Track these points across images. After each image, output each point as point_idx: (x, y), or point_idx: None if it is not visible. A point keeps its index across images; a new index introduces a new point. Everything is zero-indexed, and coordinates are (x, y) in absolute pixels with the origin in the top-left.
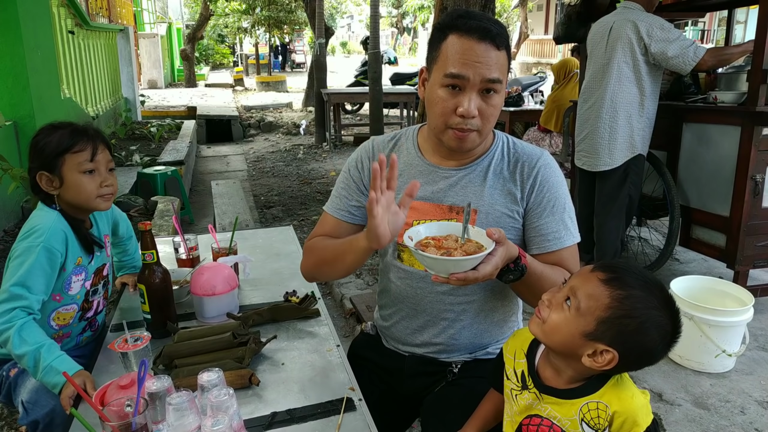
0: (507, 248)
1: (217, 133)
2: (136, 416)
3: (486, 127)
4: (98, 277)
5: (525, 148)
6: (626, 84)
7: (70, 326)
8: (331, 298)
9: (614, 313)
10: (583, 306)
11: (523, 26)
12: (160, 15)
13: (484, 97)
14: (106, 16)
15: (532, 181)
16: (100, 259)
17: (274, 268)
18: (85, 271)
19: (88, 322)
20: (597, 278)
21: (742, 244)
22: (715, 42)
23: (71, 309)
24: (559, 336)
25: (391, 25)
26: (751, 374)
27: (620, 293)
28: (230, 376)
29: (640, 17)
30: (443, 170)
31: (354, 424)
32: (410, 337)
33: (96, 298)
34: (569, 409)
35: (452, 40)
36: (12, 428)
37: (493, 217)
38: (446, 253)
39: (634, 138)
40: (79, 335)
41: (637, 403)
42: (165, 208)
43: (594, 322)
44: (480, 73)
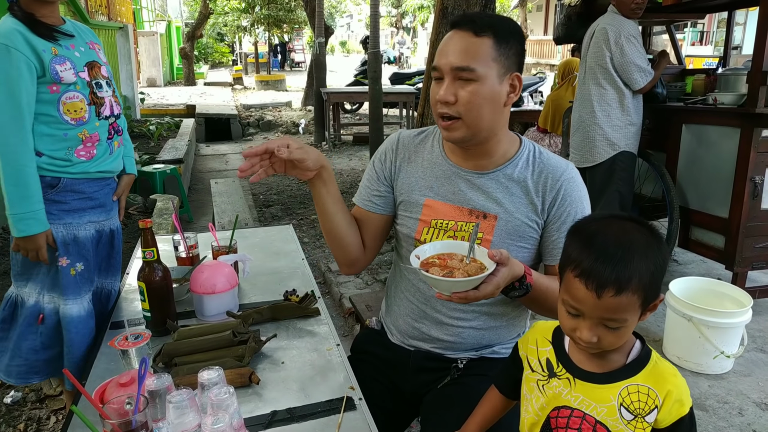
0: (511, 268)
1: (216, 132)
2: (136, 414)
3: (470, 115)
4: (93, 71)
5: (551, 159)
6: (604, 85)
7: (90, 123)
8: (330, 297)
9: (645, 292)
10: (627, 317)
11: (522, 27)
12: (159, 13)
13: (461, 84)
14: (106, 13)
15: (554, 194)
16: (88, 55)
17: (274, 267)
18: (70, 61)
19: (111, 125)
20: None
21: (741, 245)
22: (714, 44)
23: (76, 97)
24: (625, 339)
25: (391, 25)
26: (749, 376)
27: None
28: (230, 375)
29: (612, 22)
30: (465, 172)
31: (354, 424)
32: (418, 332)
33: (104, 95)
34: (607, 393)
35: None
36: (11, 426)
37: (513, 225)
38: (449, 273)
39: (615, 135)
40: (109, 140)
41: (680, 381)
42: (164, 207)
43: (640, 309)
44: (448, 62)
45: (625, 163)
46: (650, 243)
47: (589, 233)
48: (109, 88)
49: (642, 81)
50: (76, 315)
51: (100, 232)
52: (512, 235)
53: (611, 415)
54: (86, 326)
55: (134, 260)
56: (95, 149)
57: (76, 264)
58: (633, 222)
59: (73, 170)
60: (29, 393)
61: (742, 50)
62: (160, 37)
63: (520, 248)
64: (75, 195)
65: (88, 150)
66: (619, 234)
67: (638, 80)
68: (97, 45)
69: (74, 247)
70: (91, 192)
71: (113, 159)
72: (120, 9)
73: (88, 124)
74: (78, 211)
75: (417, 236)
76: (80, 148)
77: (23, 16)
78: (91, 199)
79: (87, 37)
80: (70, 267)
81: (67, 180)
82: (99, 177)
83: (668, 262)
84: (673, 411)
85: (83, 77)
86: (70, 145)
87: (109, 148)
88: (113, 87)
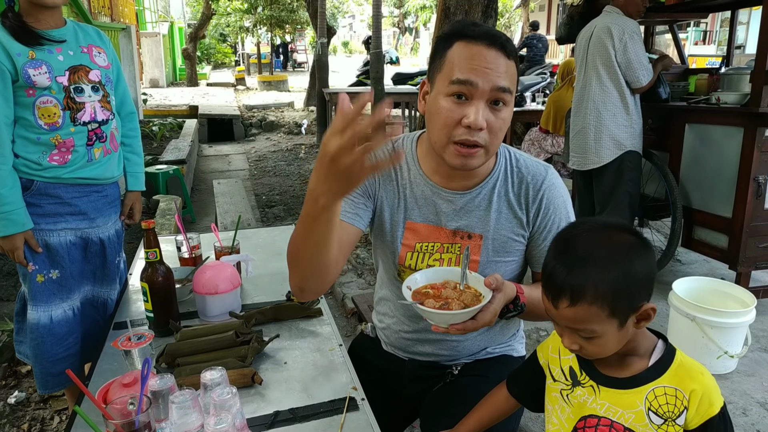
0: (505, 292)
1: (219, 132)
2: (139, 414)
3: (494, 143)
4: (77, 75)
5: (529, 165)
6: (606, 85)
7: (64, 129)
8: (332, 297)
9: (608, 303)
10: (594, 327)
11: (525, 26)
12: (162, 14)
13: (492, 108)
14: (109, 14)
15: (537, 205)
16: (75, 59)
17: (277, 268)
18: (47, 65)
19: (93, 131)
20: (566, 309)
21: (745, 245)
22: (717, 43)
23: (50, 102)
24: (611, 348)
25: (393, 25)
26: (753, 376)
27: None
28: (233, 375)
29: (615, 21)
30: (447, 193)
31: (357, 424)
32: (411, 348)
33: (86, 100)
34: (633, 398)
35: (459, 47)
36: (14, 426)
37: (499, 242)
38: (444, 304)
39: (621, 135)
40: (87, 146)
41: (708, 380)
42: (167, 207)
43: (613, 319)
44: (490, 80)
45: (632, 162)
46: (621, 251)
47: (560, 244)
48: (95, 93)
49: (644, 79)
50: (35, 322)
51: (85, 240)
52: (499, 252)
53: (640, 421)
54: (51, 335)
55: (137, 261)
56: (70, 155)
57: (45, 271)
58: (617, 230)
59: (45, 174)
60: (33, 393)
61: (745, 49)
62: (162, 38)
63: (508, 263)
64: (50, 199)
65: (63, 155)
66: (586, 244)
67: (640, 78)
68: (96, 48)
69: (45, 254)
70: (69, 198)
71: (95, 167)
72: (123, 10)
73: (62, 130)
74: (53, 216)
75: (401, 261)
76: (54, 153)
77: (11, 24)
78: (69, 205)
79: (86, 41)
80: (36, 273)
81: (40, 183)
82: (76, 183)
83: (651, 270)
84: (701, 411)
85: (60, 81)
86: (43, 150)
87: (88, 155)
88: (105, 93)
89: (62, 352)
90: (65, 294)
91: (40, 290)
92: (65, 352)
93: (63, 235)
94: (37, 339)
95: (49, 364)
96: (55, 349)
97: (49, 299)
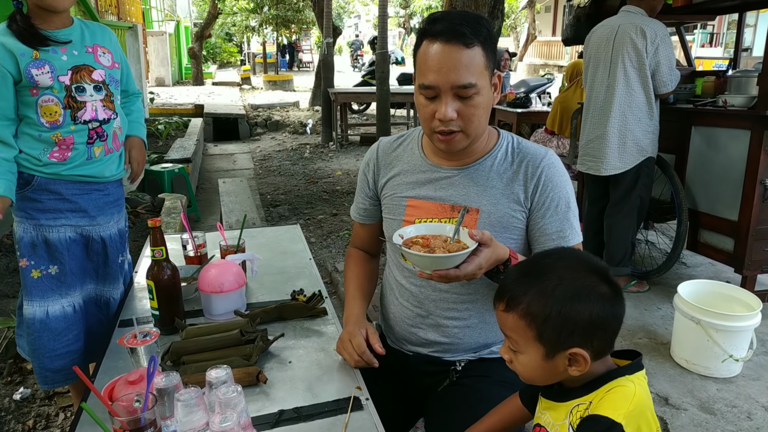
0: (494, 250)
1: (224, 132)
2: (145, 411)
3: (470, 127)
4: (79, 75)
5: (529, 147)
6: (634, 88)
7: (65, 127)
8: (336, 297)
9: (536, 324)
10: (518, 340)
11: (530, 27)
12: (168, 13)
13: (462, 100)
14: (115, 13)
15: (536, 181)
16: (80, 59)
17: (282, 267)
18: (49, 65)
19: (93, 130)
20: (501, 311)
21: (751, 248)
22: (725, 45)
23: (51, 101)
24: (536, 375)
25: (399, 25)
26: (758, 379)
27: (522, 307)
28: (238, 374)
29: (646, 22)
30: (444, 170)
31: (361, 423)
32: (415, 337)
33: (87, 99)
34: (561, 412)
35: (423, 48)
36: (20, 422)
37: (496, 216)
38: (430, 251)
39: (644, 141)
40: (87, 144)
41: (624, 413)
42: (172, 206)
43: (537, 343)
44: (449, 80)
45: (649, 168)
46: (577, 290)
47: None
48: (97, 93)
49: (672, 84)
50: (30, 317)
51: (86, 238)
52: (496, 227)
53: None
54: (47, 330)
55: (143, 259)
56: (69, 152)
57: (43, 267)
58: (597, 275)
59: (45, 170)
60: (38, 390)
61: (752, 52)
62: (169, 36)
63: (506, 239)
64: (50, 195)
65: (63, 153)
66: (552, 267)
67: (668, 83)
68: (102, 48)
69: (43, 249)
70: (69, 194)
71: (95, 165)
72: (129, 9)
73: (62, 128)
74: (53, 212)
75: None
76: (54, 150)
77: (18, 27)
78: (69, 202)
79: (92, 40)
80: (31, 269)
81: (40, 178)
82: (76, 180)
83: (596, 319)
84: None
85: (62, 81)
86: (44, 146)
87: (88, 153)
88: (108, 92)
89: (61, 348)
90: (64, 290)
91: (36, 285)
92: (64, 349)
93: (63, 231)
94: (33, 334)
95: (46, 359)
96: (52, 344)
97: (46, 294)
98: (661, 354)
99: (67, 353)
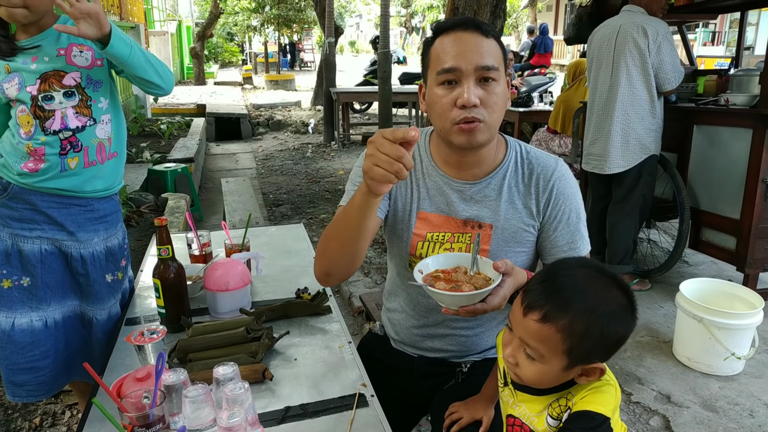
0: (515, 277)
1: (226, 131)
2: (153, 408)
3: (492, 116)
4: (47, 83)
5: (539, 158)
6: (637, 87)
7: (36, 137)
8: (339, 296)
9: (572, 340)
10: (544, 352)
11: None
12: (170, 13)
13: (483, 85)
14: (117, 13)
15: (548, 195)
16: (47, 65)
17: (286, 265)
18: (19, 76)
19: (66, 140)
20: (534, 321)
21: (753, 247)
22: (726, 44)
23: (23, 111)
24: (546, 380)
25: (400, 25)
26: (760, 377)
27: (563, 322)
28: (244, 371)
29: (648, 21)
30: (457, 183)
31: (366, 420)
32: (421, 343)
33: (55, 107)
34: (539, 404)
35: (440, 41)
36: (26, 420)
37: (510, 232)
38: (455, 287)
39: (647, 139)
40: (60, 155)
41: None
42: (176, 205)
43: (564, 356)
44: (472, 61)
45: (651, 166)
46: (614, 308)
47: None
48: (68, 99)
49: (675, 82)
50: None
51: (64, 253)
52: (509, 242)
53: (541, 425)
54: (10, 342)
55: (148, 257)
56: (42, 163)
57: (16, 277)
58: (618, 290)
59: (20, 180)
60: None
61: (754, 51)
62: (170, 36)
63: (518, 253)
64: (25, 204)
65: (36, 164)
66: (587, 279)
67: (672, 81)
68: (79, 47)
69: (17, 259)
70: (44, 207)
71: (71, 178)
72: (131, 9)
73: (33, 138)
74: (28, 222)
75: (412, 251)
76: (28, 161)
77: None
78: (43, 214)
79: (69, 39)
80: (2, 278)
81: (16, 187)
82: (53, 193)
83: (623, 337)
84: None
85: (29, 91)
86: (21, 155)
87: (61, 165)
88: (83, 96)
89: (23, 362)
90: (35, 303)
91: (5, 296)
92: (27, 364)
93: (37, 243)
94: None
95: (8, 371)
96: (14, 357)
97: (14, 306)
98: (663, 352)
99: (30, 369)
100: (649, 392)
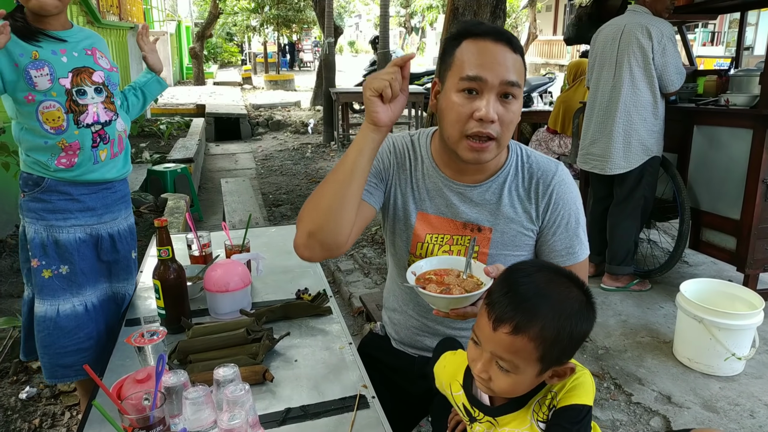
0: None
1: (226, 131)
2: (154, 410)
3: (505, 135)
4: (80, 77)
5: (540, 162)
6: (640, 87)
7: (69, 132)
8: (339, 296)
9: (545, 347)
10: (518, 362)
11: (531, 27)
12: (169, 13)
13: (502, 102)
14: (117, 13)
15: (547, 200)
16: (79, 61)
17: (286, 266)
18: (49, 66)
19: (96, 133)
20: (505, 334)
21: (753, 247)
22: (726, 44)
23: (52, 106)
24: (520, 389)
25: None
26: (760, 378)
27: (534, 330)
28: (244, 372)
29: (652, 22)
30: (458, 185)
31: (367, 421)
32: (421, 344)
33: (88, 102)
34: (524, 416)
35: (467, 44)
36: (26, 421)
37: (509, 236)
38: (446, 290)
39: (649, 141)
40: (92, 148)
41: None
42: (175, 206)
43: (537, 363)
44: (498, 75)
45: (653, 167)
46: (576, 307)
47: (524, 273)
48: (98, 95)
49: (678, 84)
50: (42, 315)
51: (95, 237)
52: (508, 246)
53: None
54: (57, 328)
55: (148, 258)
56: (77, 157)
57: (54, 267)
58: (577, 289)
59: (55, 175)
60: (44, 389)
61: (754, 51)
62: (170, 36)
63: (517, 257)
64: (60, 195)
65: (69, 158)
66: (547, 287)
67: (675, 82)
68: (99, 52)
69: (53, 250)
70: (78, 194)
71: (101, 169)
72: (131, 9)
73: (66, 133)
74: (63, 212)
75: (412, 251)
76: (61, 156)
77: (14, 23)
78: (78, 202)
79: (89, 43)
80: (42, 269)
81: (50, 180)
82: (83, 182)
83: (587, 333)
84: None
85: (63, 84)
86: (52, 153)
87: (94, 157)
88: (108, 93)
89: (71, 345)
90: (75, 289)
91: (47, 285)
92: (74, 346)
93: (72, 232)
94: (43, 331)
95: (56, 356)
96: (62, 341)
97: (57, 294)
98: (663, 353)
99: (76, 350)
100: (649, 393)
